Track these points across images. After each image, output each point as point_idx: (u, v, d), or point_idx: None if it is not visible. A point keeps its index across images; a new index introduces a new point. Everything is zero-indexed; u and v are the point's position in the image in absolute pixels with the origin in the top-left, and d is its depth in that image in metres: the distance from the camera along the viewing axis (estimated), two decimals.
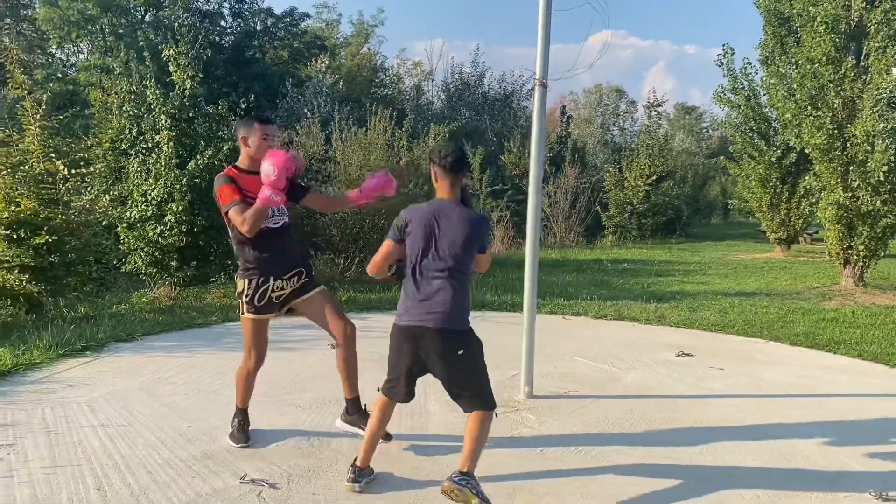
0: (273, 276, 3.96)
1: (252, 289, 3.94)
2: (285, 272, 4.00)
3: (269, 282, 3.95)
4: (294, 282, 4.05)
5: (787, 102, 11.47)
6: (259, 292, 3.95)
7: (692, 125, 52.44)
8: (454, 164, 3.47)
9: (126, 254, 9.18)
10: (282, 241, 4.00)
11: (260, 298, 3.95)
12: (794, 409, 5.14)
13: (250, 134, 3.91)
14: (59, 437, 4.12)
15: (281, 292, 4.00)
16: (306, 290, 4.08)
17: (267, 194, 3.68)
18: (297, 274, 4.06)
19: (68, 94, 22.98)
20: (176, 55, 9.21)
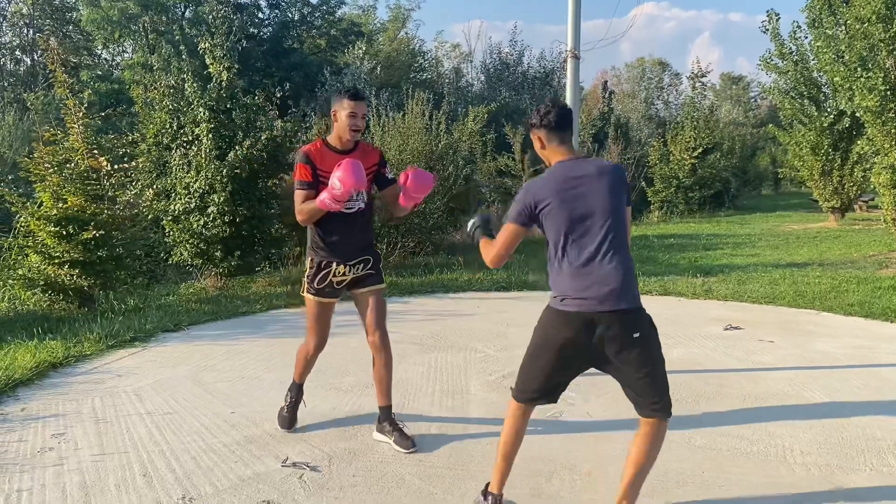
0: (336, 261, 3.86)
1: (314, 270, 3.89)
2: (351, 258, 3.88)
3: (331, 266, 3.86)
4: (358, 269, 3.91)
5: (836, 65, 11.06)
6: (321, 275, 3.87)
7: (739, 95, 51.17)
8: (559, 119, 2.99)
9: (172, 246, 9.33)
10: (353, 227, 3.86)
11: (321, 281, 3.88)
12: (847, 380, 4.98)
13: (339, 109, 3.75)
14: (108, 425, 4.21)
15: (342, 278, 3.89)
16: (367, 283, 3.94)
17: (327, 202, 3.60)
18: (363, 262, 3.91)
19: (114, 93, 23.48)
20: (211, 48, 9.29)
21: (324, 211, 3.70)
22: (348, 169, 3.53)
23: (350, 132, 3.75)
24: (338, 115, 3.76)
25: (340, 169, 3.54)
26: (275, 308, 7.69)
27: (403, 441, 3.84)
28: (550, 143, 3.01)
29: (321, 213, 3.73)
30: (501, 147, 17.88)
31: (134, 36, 25.83)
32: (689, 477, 3.49)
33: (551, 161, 3.03)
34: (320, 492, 3.34)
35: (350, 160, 3.60)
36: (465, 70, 32.37)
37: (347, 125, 3.73)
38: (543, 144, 3.03)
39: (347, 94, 3.76)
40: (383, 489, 3.36)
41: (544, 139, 3.02)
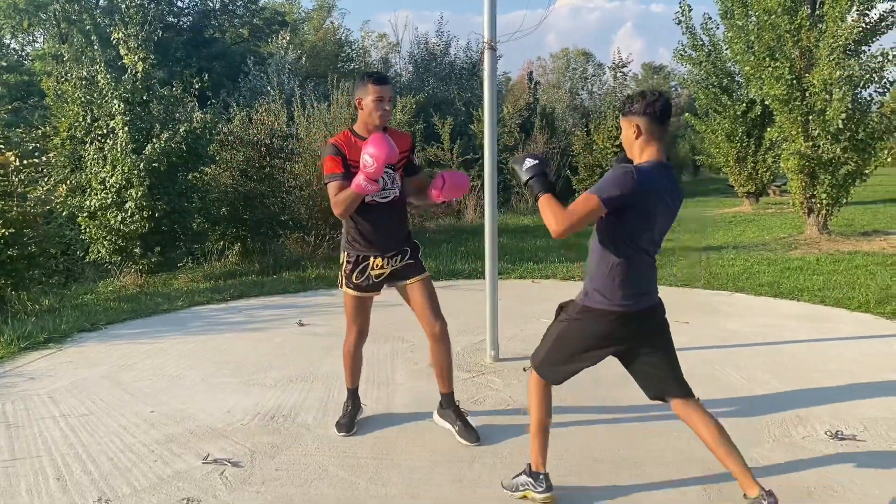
0: (374, 254, 3.76)
1: (351, 265, 3.78)
2: (388, 250, 3.77)
3: (369, 259, 3.77)
4: (396, 261, 3.80)
5: (746, 55, 11.50)
6: (358, 269, 3.77)
7: (661, 85, 52.49)
8: (665, 111, 2.82)
9: (89, 243, 9.04)
10: (388, 217, 3.75)
11: (359, 275, 3.78)
12: (756, 357, 5.22)
13: (364, 95, 3.60)
14: (20, 430, 4.07)
15: (381, 271, 3.78)
16: (409, 275, 3.82)
17: (362, 183, 3.45)
18: (401, 253, 3.80)
19: (24, 84, 22.48)
20: (125, 38, 9.01)
21: (361, 197, 3.55)
22: (378, 141, 3.39)
23: (379, 118, 3.61)
24: (363, 102, 3.61)
25: (369, 143, 3.41)
26: (197, 304, 7.54)
27: (469, 434, 3.78)
28: (649, 135, 2.82)
29: (359, 200, 3.57)
30: (430, 137, 17.92)
31: (44, 25, 24.76)
32: (606, 454, 3.61)
33: (642, 154, 2.84)
34: (242, 487, 3.32)
35: (376, 133, 3.48)
36: (394, 60, 32.26)
37: (375, 110, 3.59)
38: (640, 133, 2.82)
39: (371, 79, 3.61)
40: (306, 481, 3.37)
41: (643, 129, 2.81)
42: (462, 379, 4.85)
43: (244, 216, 10.10)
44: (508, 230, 14.25)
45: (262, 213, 10.13)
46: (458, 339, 5.86)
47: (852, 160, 10.31)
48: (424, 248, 9.02)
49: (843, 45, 9.96)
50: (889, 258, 9.13)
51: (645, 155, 2.84)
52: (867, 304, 6.67)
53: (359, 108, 3.66)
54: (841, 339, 5.69)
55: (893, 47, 10.02)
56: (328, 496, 3.22)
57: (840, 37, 9.93)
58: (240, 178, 10.22)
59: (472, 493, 3.24)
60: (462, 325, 6.35)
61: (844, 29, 9.96)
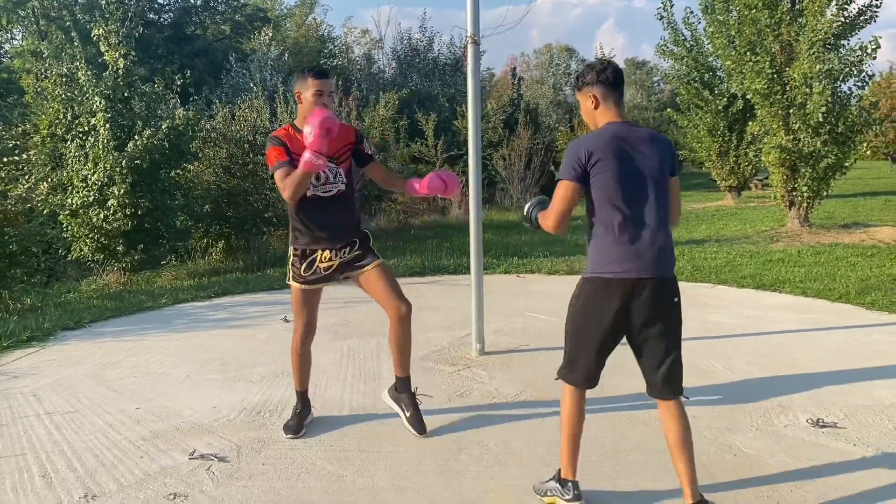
0: (321, 247, 3.76)
1: (298, 258, 3.78)
2: (336, 243, 3.77)
3: (316, 252, 3.76)
4: (345, 253, 3.79)
5: (727, 50, 11.59)
6: (306, 263, 3.76)
7: (643, 80, 52.75)
8: (617, 76, 2.88)
9: (71, 242, 8.97)
10: (334, 211, 3.75)
11: (307, 269, 3.77)
12: (738, 347, 5.28)
13: (304, 89, 3.59)
14: (4, 428, 4.04)
15: (329, 263, 3.78)
16: (362, 264, 3.80)
17: (307, 158, 3.40)
18: (350, 245, 3.79)
19: (3, 82, 22.23)
20: (106, 34, 8.94)
21: (310, 175, 3.51)
22: (315, 116, 3.38)
23: None
24: (302, 96, 3.61)
25: (308, 121, 3.40)
26: (181, 302, 7.51)
27: (418, 424, 3.80)
28: (606, 101, 2.87)
29: (308, 179, 3.53)
30: (414, 133, 17.91)
31: (23, 22, 24.47)
32: (591, 445, 3.63)
33: (600, 123, 2.89)
34: (229, 481, 3.32)
35: (316, 109, 3.47)
36: (377, 56, 32.18)
37: (314, 104, 3.57)
38: (598, 103, 2.88)
39: (311, 73, 3.59)
40: (293, 475, 3.37)
41: (600, 97, 2.87)
42: (448, 372, 4.88)
43: (227, 213, 10.07)
44: (494, 226, 14.29)
45: (245, 210, 10.10)
46: (443, 333, 5.91)
47: (832, 153, 10.42)
48: (409, 244, 9.05)
49: (822, 40, 10.06)
50: (869, 250, 9.25)
51: (604, 122, 2.89)
52: (847, 295, 6.76)
53: (299, 101, 3.66)
54: (822, 329, 5.76)
55: (872, 41, 10.13)
56: (315, 489, 3.23)
57: (820, 31, 10.02)
58: (223, 174, 10.18)
59: (459, 483, 3.26)
60: (447, 319, 6.37)
61: (824, 23, 10.06)
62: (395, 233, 13.60)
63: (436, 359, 5.21)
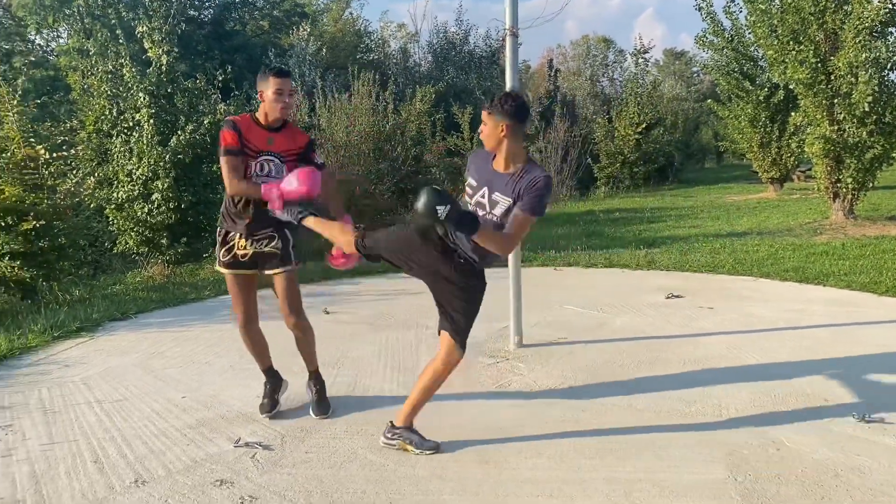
0: (240, 234, 3.84)
1: (220, 241, 3.91)
2: (254, 233, 3.82)
3: (234, 238, 3.86)
4: (261, 245, 3.85)
5: (769, 39, 11.37)
6: (226, 247, 3.88)
7: (682, 70, 51.95)
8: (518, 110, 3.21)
9: (117, 235, 9.19)
10: (262, 201, 3.77)
11: (225, 253, 3.89)
12: (781, 341, 5.21)
13: (265, 87, 3.70)
14: (56, 415, 4.18)
15: (244, 251, 3.85)
16: (273, 266, 3.89)
17: (273, 197, 3.64)
18: (268, 238, 3.85)
19: (50, 79, 22.77)
20: (149, 31, 9.12)
21: (257, 197, 3.69)
22: (311, 177, 3.59)
23: (279, 110, 3.71)
24: (264, 94, 3.71)
25: (304, 175, 3.58)
26: (224, 294, 7.63)
27: (320, 407, 4.08)
28: (517, 134, 3.25)
29: (256, 196, 3.70)
30: (450, 127, 17.92)
31: (69, 20, 25.00)
32: (629, 438, 3.63)
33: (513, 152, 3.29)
34: (273, 469, 3.40)
35: (311, 169, 3.67)
36: (412, 50, 32.21)
37: (275, 102, 3.69)
38: (511, 134, 3.22)
39: (272, 72, 3.70)
40: (336, 463, 3.43)
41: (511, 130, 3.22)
42: (486, 364, 4.91)
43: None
44: None
45: None
46: (481, 325, 5.86)
47: (879, 144, 10.17)
48: None
49: (869, 27, 9.81)
50: None
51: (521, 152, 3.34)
52: (894, 289, 6.61)
53: (260, 99, 3.77)
54: (868, 323, 5.65)
55: None
56: (358, 477, 3.28)
57: (866, 18, 9.77)
58: None
59: (499, 474, 3.28)
60: (485, 311, 6.33)
61: (871, 10, 9.81)
62: None
63: (474, 351, 5.22)
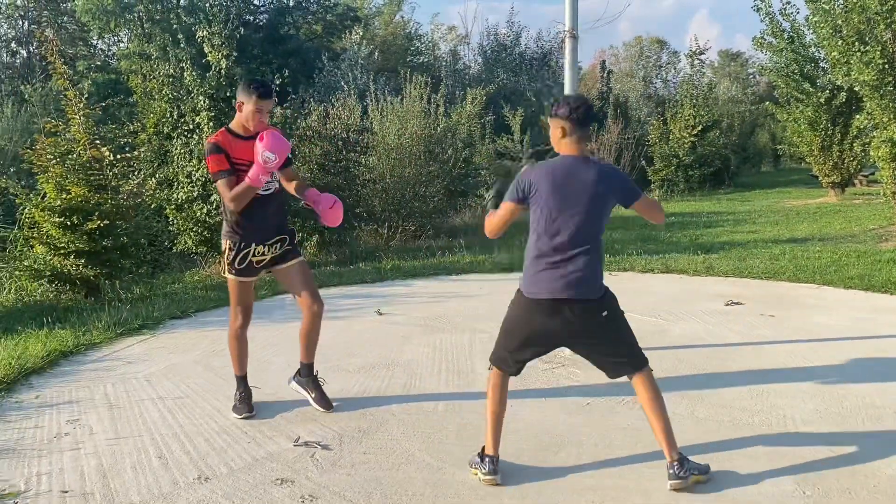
0: (255, 241, 3.99)
1: (234, 252, 4.00)
2: (268, 238, 4.03)
3: (250, 246, 3.99)
4: (276, 248, 4.06)
5: (833, 39, 11.05)
6: (240, 256, 4.00)
7: (738, 72, 50.91)
8: (587, 117, 3.20)
9: (176, 235, 9.40)
10: (268, 208, 4.00)
11: (241, 262, 4.00)
12: (848, 352, 5.05)
13: (246, 102, 3.84)
14: (121, 410, 4.29)
15: (262, 257, 4.04)
16: (286, 259, 4.11)
17: (260, 178, 3.77)
18: (280, 241, 4.07)
19: (112, 83, 23.43)
20: (209, 35, 9.30)
21: (255, 190, 3.82)
22: (274, 139, 3.73)
23: (254, 127, 3.87)
24: (244, 108, 3.86)
25: (266, 141, 3.70)
26: (280, 293, 7.74)
27: (323, 401, 4.17)
28: (572, 135, 3.19)
29: (253, 192, 3.83)
30: (500, 129, 17.90)
31: (129, 25, 25.74)
32: (691, 449, 3.55)
33: (561, 151, 3.24)
34: (332, 469, 3.42)
35: (269, 131, 3.79)
36: (462, 52, 32.33)
37: (251, 119, 3.85)
38: (565, 134, 3.19)
39: (256, 92, 3.82)
40: (394, 465, 3.44)
41: (568, 130, 3.18)
42: (541, 369, 4.86)
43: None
44: None
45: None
46: None
47: None
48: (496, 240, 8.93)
49: None
50: None
51: (563, 152, 3.24)
52: None
53: (238, 110, 3.91)
54: None
55: None
56: (416, 480, 3.28)
57: None
58: (317, 171, 10.43)
59: (557, 482, 3.25)
60: None
61: None
62: (481, 229, 13.61)
63: None
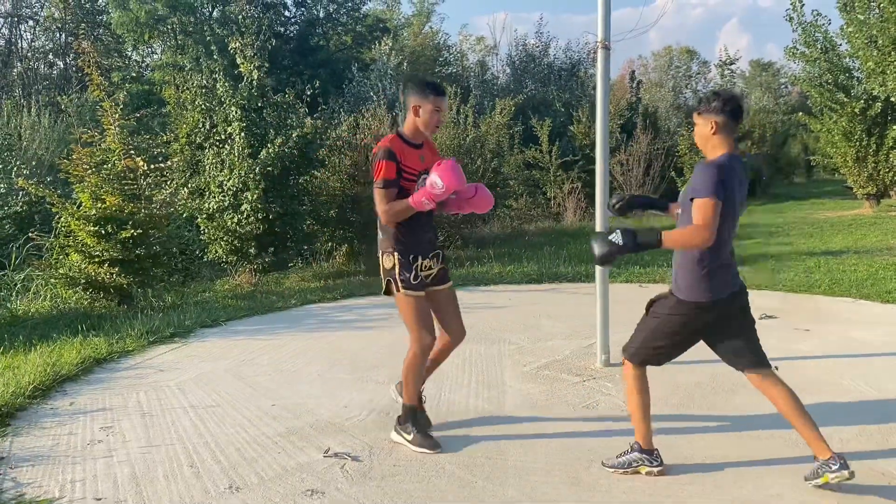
0: (421, 255, 3.79)
1: (404, 266, 3.73)
2: (428, 251, 3.83)
3: (418, 259, 3.77)
4: (437, 262, 3.87)
5: (869, 50, 10.88)
6: (413, 269, 3.75)
7: (769, 82, 50.39)
8: (740, 111, 3.14)
9: (207, 244, 9.50)
10: (426, 221, 3.82)
11: (416, 276, 3.74)
12: (888, 367, 4.94)
13: (423, 103, 3.62)
14: (153, 418, 4.33)
15: (429, 272, 3.82)
16: (443, 280, 3.90)
17: (424, 202, 3.55)
18: (437, 256, 3.88)
19: (145, 93, 23.82)
20: (242, 47, 9.42)
21: (414, 211, 3.62)
22: (453, 170, 3.51)
23: (433, 128, 3.72)
24: (420, 110, 3.65)
25: (443, 170, 3.50)
26: (309, 303, 7.79)
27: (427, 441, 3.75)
28: (724, 131, 3.11)
29: (410, 213, 3.64)
30: (528, 139, 17.85)
31: (163, 37, 26.19)
32: (728, 465, 3.49)
33: (717, 149, 3.13)
34: (363, 480, 3.41)
35: (452, 161, 3.58)
36: (491, 63, 32.34)
37: (430, 121, 3.67)
38: (716, 130, 3.11)
39: (433, 90, 3.65)
40: (424, 478, 3.42)
41: (720, 126, 3.11)
42: (573, 383, 4.82)
43: (351, 218, 10.36)
44: None
45: (368, 216, 10.34)
46: (565, 342, 5.85)
47: None
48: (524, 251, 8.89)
49: None
50: None
51: (721, 150, 3.13)
52: None
53: (414, 114, 3.68)
54: None
55: None
56: (447, 493, 3.26)
57: None
58: (347, 181, 10.49)
59: (591, 496, 3.21)
60: (568, 328, 6.31)
61: None
62: (509, 239, 13.58)
63: (558, 368, 5.16)
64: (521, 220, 16.08)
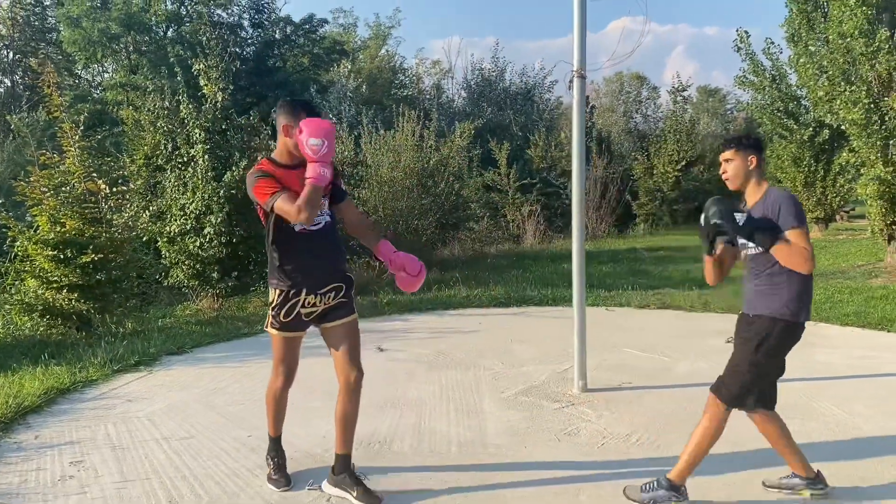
0: (306, 289, 3.38)
1: (280, 301, 3.40)
2: (322, 286, 3.41)
3: (300, 295, 3.38)
4: (329, 298, 3.44)
5: (818, 79, 11.28)
6: (287, 306, 3.39)
7: (716, 107, 51.78)
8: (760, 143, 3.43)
9: (168, 268, 9.29)
10: (321, 247, 3.39)
11: (287, 313, 3.40)
12: (855, 390, 5.06)
13: (296, 124, 3.19)
14: (125, 451, 4.18)
15: (312, 309, 3.42)
16: (337, 316, 3.47)
17: (319, 171, 3.12)
18: (335, 290, 3.46)
19: (97, 113, 23.33)
20: (206, 69, 9.30)
21: (322, 190, 3.19)
22: (314, 123, 3.12)
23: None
24: (293, 131, 3.23)
25: (307, 128, 3.10)
26: None
27: (370, 497, 3.39)
28: (761, 165, 3.37)
29: (320, 193, 3.19)
30: (487, 162, 17.99)
31: (115, 56, 25.72)
32: (715, 493, 3.52)
33: (762, 181, 3.37)
34: None
35: (306, 119, 3.16)
36: (447, 86, 32.57)
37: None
38: (758, 165, 3.36)
39: (306, 110, 3.27)
40: None
41: (758, 162, 3.35)
42: (552, 409, 4.82)
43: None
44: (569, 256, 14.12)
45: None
46: (540, 367, 5.86)
47: None
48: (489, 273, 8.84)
49: None
50: None
51: (763, 183, 3.39)
52: None
53: (285, 135, 3.29)
54: None
55: None
56: None
57: None
58: None
59: None
60: (541, 353, 6.33)
61: None
62: (471, 261, 13.62)
63: (536, 394, 5.16)
64: (483, 242, 16.16)
